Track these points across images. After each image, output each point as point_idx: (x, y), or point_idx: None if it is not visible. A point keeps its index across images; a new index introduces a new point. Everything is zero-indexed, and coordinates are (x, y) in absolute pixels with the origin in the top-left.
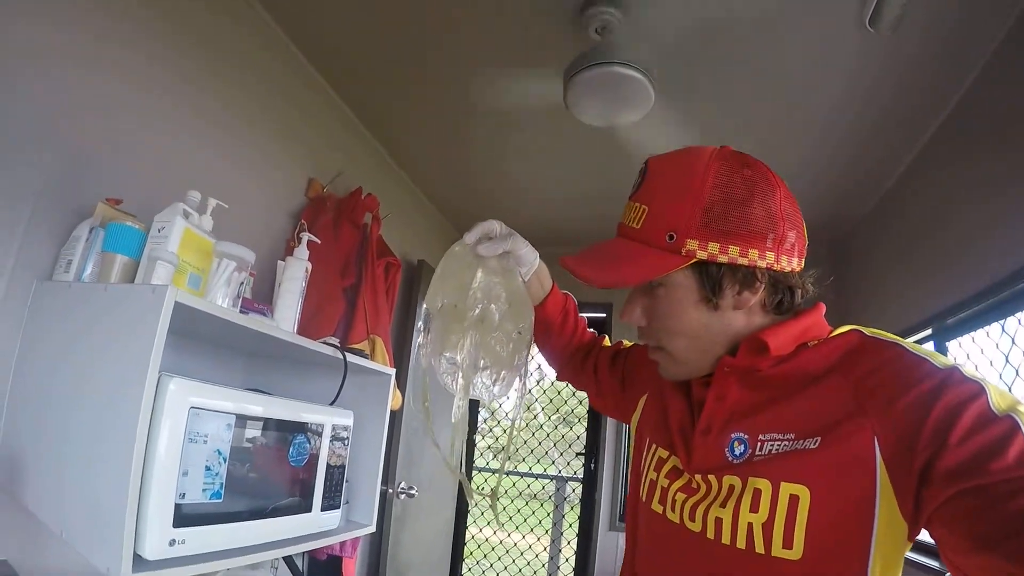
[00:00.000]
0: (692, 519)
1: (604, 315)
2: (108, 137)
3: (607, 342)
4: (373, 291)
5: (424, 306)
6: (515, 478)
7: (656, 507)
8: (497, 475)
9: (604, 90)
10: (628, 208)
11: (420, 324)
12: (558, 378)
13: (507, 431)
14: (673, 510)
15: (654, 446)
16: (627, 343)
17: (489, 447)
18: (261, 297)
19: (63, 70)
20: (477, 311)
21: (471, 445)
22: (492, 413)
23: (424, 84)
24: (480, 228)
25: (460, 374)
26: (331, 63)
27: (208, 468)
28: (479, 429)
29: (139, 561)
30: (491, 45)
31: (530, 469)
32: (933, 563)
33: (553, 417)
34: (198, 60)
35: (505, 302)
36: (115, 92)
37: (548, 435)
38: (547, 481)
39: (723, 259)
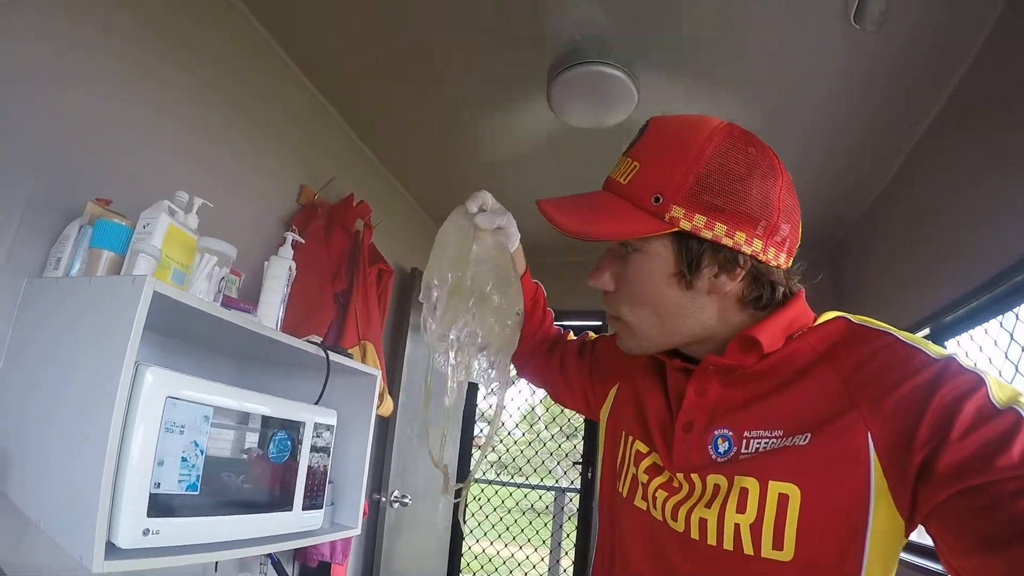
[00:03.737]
0: (674, 519)
1: (600, 323)
2: (102, 145)
3: (571, 336)
4: (364, 297)
5: (432, 279)
6: (512, 489)
7: (639, 503)
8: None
9: (587, 90)
10: (619, 163)
11: (423, 295)
12: (518, 374)
13: (489, 431)
14: (655, 507)
15: (631, 438)
16: (592, 335)
17: (500, 458)
18: (250, 301)
19: (58, 81)
20: (488, 287)
21: (468, 455)
22: (503, 424)
23: (414, 91)
24: (480, 197)
25: (453, 353)
26: (322, 71)
27: (184, 459)
28: (502, 410)
29: (113, 550)
30: (477, 52)
31: (527, 479)
32: (935, 566)
33: (550, 426)
34: (193, 71)
35: (505, 280)
36: (110, 102)
37: (544, 445)
38: (544, 492)
39: (707, 235)
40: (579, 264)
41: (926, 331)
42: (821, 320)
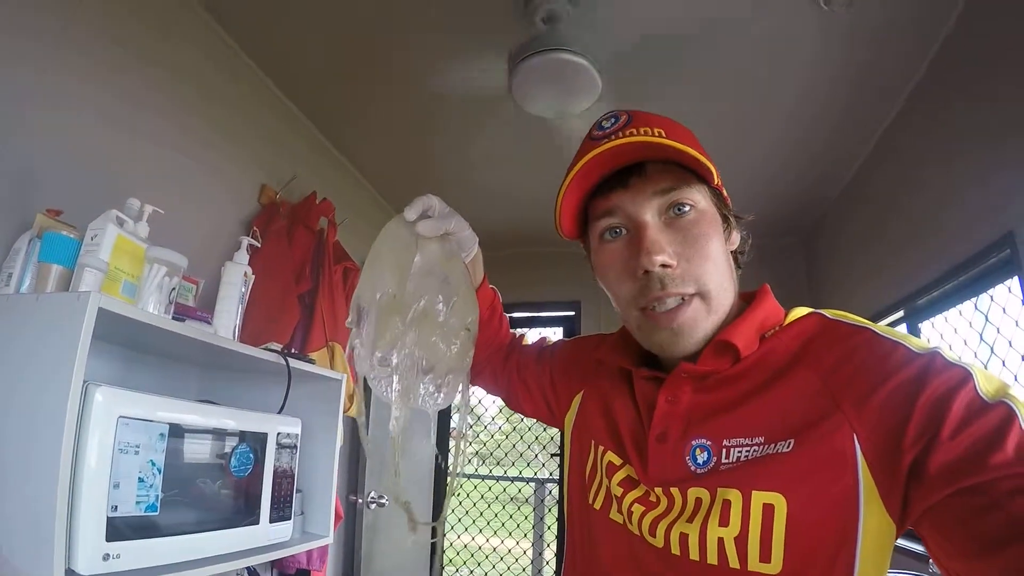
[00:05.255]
0: (652, 534)
1: (573, 313)
2: (53, 151)
3: (527, 340)
4: (331, 297)
5: (356, 296)
6: (491, 482)
7: (615, 516)
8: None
9: (549, 78)
10: (632, 134)
11: (351, 319)
12: (471, 383)
13: (457, 440)
14: (631, 522)
15: (601, 448)
16: (551, 340)
17: (477, 452)
18: (210, 308)
19: (7, 91)
20: (422, 303)
21: (444, 451)
22: (479, 418)
23: (377, 84)
24: (420, 203)
25: (396, 379)
26: (281, 67)
27: (141, 480)
28: (464, 434)
29: None
30: (440, 41)
31: (505, 472)
32: (918, 548)
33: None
34: (147, 71)
35: (452, 292)
36: (61, 105)
37: (521, 437)
38: (523, 484)
39: (724, 191)
40: (552, 255)
41: (900, 313)
42: (793, 317)
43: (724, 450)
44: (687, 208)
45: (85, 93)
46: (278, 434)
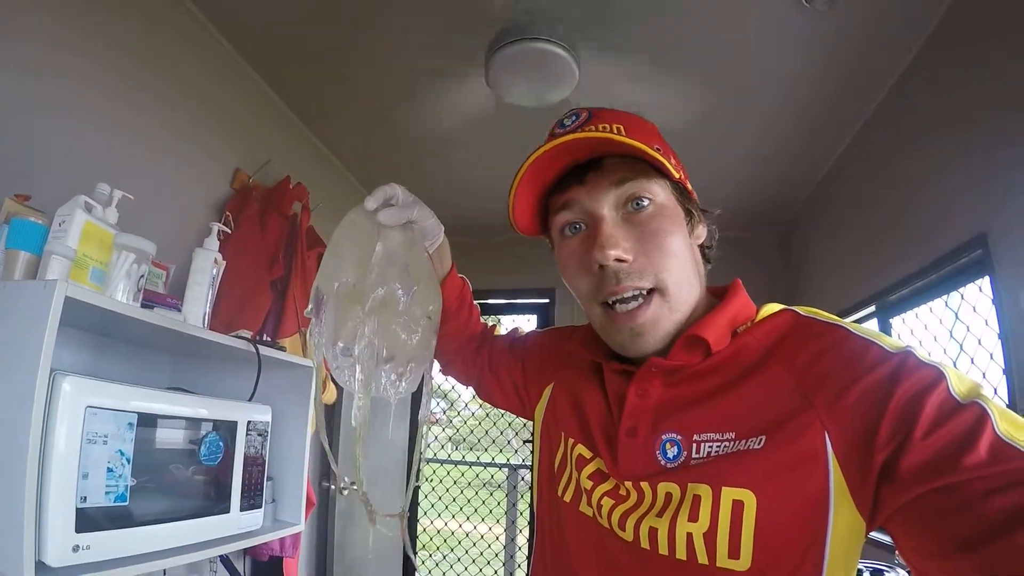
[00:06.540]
0: (622, 528)
1: (547, 300)
2: (21, 135)
3: (499, 330)
4: (304, 283)
5: (315, 286)
6: (464, 467)
7: (585, 509)
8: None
9: (527, 67)
10: (591, 131)
11: (310, 308)
12: (442, 372)
13: (420, 428)
14: (601, 515)
15: (571, 441)
16: (523, 331)
17: (451, 438)
18: (180, 294)
19: None
20: (381, 292)
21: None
22: (452, 403)
23: (354, 68)
24: (381, 192)
25: (359, 368)
26: (256, 50)
27: (110, 470)
28: (439, 420)
29: (43, 569)
30: (418, 27)
31: (479, 458)
32: (885, 538)
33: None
34: (117, 53)
35: (412, 280)
36: (29, 90)
37: (495, 423)
38: (496, 470)
39: (688, 185)
40: (527, 243)
41: (871, 308)
42: (765, 313)
43: (695, 444)
44: (646, 203)
45: (54, 78)
46: (248, 422)
